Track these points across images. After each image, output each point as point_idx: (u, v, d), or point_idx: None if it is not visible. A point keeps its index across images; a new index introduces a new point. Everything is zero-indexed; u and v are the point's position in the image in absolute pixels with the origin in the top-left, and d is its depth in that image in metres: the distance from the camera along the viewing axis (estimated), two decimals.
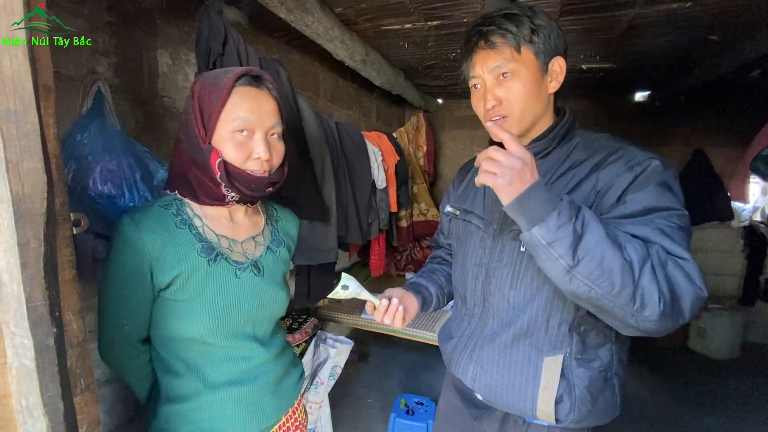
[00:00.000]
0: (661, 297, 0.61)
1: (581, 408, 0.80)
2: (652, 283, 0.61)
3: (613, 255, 0.61)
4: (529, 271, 0.81)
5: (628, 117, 3.52)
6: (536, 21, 0.76)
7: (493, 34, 0.76)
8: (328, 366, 1.59)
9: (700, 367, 2.96)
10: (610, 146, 0.78)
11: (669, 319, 0.63)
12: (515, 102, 0.78)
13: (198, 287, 0.76)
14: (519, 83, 0.77)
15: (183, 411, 0.79)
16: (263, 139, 0.76)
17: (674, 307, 0.63)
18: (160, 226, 0.75)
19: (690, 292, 0.64)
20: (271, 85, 0.79)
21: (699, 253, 3.50)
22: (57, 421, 0.46)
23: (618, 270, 0.60)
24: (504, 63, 0.76)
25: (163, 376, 0.81)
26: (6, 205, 0.41)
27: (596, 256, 0.61)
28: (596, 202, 0.74)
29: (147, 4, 1.35)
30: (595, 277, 0.61)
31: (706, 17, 1.65)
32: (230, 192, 0.77)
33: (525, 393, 0.82)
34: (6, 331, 0.46)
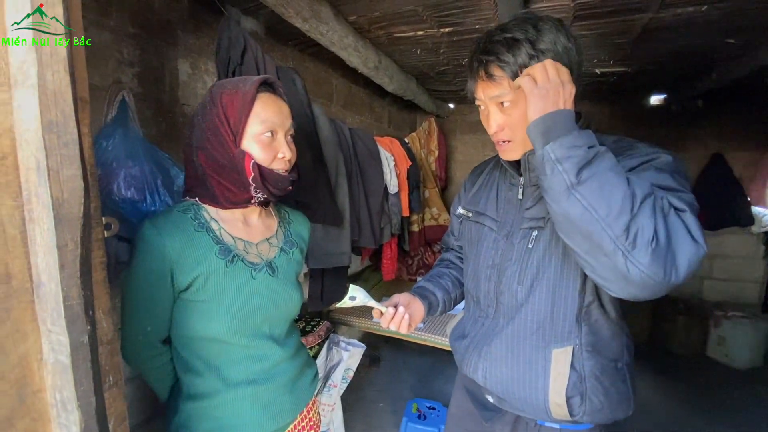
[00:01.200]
0: (656, 237, 0.59)
1: (593, 399, 0.80)
2: (649, 218, 0.60)
3: (617, 181, 0.61)
4: (538, 266, 0.82)
5: (643, 121, 3.48)
6: (538, 45, 0.73)
7: (491, 66, 0.76)
8: (341, 369, 1.60)
9: (720, 375, 2.88)
10: (621, 147, 0.78)
11: (660, 268, 0.59)
12: (516, 128, 0.79)
13: (216, 288, 0.79)
14: (518, 111, 0.77)
15: (203, 408, 0.82)
16: (285, 139, 0.82)
17: (668, 255, 0.60)
18: (180, 230, 0.78)
19: (688, 245, 0.61)
20: (282, 90, 0.85)
21: (718, 259, 3.43)
22: (89, 414, 0.48)
23: (619, 197, 0.60)
24: (502, 94, 0.77)
25: (184, 374, 0.84)
26: (47, 210, 0.44)
27: (600, 178, 0.61)
28: None
29: (169, 15, 1.40)
30: (594, 199, 0.61)
31: (722, 20, 1.63)
32: (258, 192, 0.81)
33: (536, 386, 0.83)
34: (43, 328, 0.49)
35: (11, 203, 0.46)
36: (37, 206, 0.45)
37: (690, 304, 3.35)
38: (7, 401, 0.47)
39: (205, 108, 0.80)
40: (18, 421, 0.48)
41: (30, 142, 0.44)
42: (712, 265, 3.46)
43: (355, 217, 1.71)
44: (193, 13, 1.49)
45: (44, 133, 0.43)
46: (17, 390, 0.48)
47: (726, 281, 3.43)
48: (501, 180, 0.96)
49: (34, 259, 0.47)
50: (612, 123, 3.56)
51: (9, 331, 0.47)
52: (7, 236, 0.46)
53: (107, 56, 1.20)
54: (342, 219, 1.53)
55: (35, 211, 0.45)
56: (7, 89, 0.45)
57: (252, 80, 0.79)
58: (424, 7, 1.58)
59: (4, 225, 0.45)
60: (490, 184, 0.99)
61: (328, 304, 1.72)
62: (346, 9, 1.60)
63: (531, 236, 0.83)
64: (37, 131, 0.43)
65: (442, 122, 3.89)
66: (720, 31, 1.74)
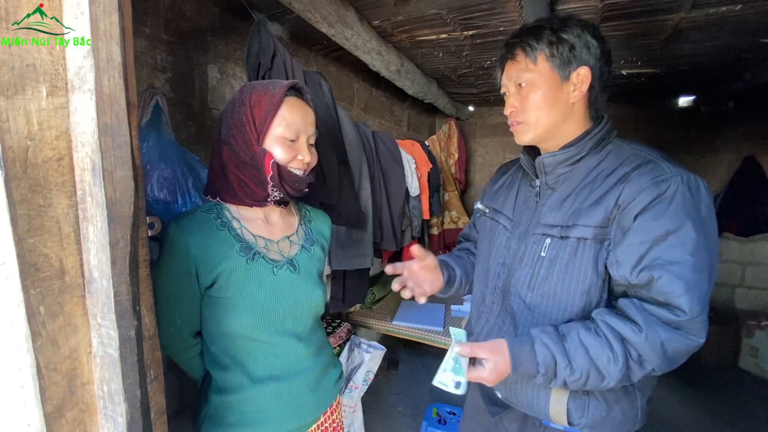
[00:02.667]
0: (650, 365, 0.70)
1: (595, 413, 0.80)
2: (636, 377, 0.72)
3: (596, 383, 0.72)
4: (548, 275, 0.82)
5: (671, 123, 3.38)
6: (560, 33, 0.79)
7: (514, 47, 0.83)
8: (362, 371, 1.61)
9: (753, 388, 2.76)
10: (641, 158, 0.77)
11: (667, 370, 0.71)
12: (529, 110, 0.82)
13: (238, 284, 0.81)
14: (532, 92, 0.81)
15: (230, 402, 0.85)
16: (306, 144, 0.84)
17: (670, 368, 0.71)
18: (203, 229, 0.81)
19: (677, 353, 0.70)
20: (309, 97, 0.87)
21: (750, 267, 3.29)
22: (135, 407, 0.50)
23: (602, 387, 0.73)
24: (520, 74, 0.82)
25: (212, 368, 0.87)
26: (101, 208, 0.46)
27: (583, 383, 0.73)
28: (617, 216, 0.74)
29: (200, 22, 1.45)
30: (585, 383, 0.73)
31: (757, 20, 1.57)
32: (275, 191, 0.84)
33: (539, 392, 0.84)
34: (93, 322, 0.51)
35: (66, 202, 0.48)
36: (91, 205, 0.47)
37: (721, 313, 3.22)
38: (58, 392, 0.49)
39: (234, 105, 0.83)
40: (67, 412, 0.50)
41: (86, 144, 0.46)
42: (744, 273, 3.33)
43: (377, 219, 1.72)
44: (223, 20, 1.54)
45: (100, 135, 0.45)
46: (68, 381, 0.50)
47: (759, 289, 3.29)
48: (522, 181, 0.98)
49: (86, 255, 0.49)
50: (638, 125, 3.47)
51: (62, 325, 0.49)
52: (62, 233, 0.48)
53: (142, 62, 1.25)
54: (365, 221, 1.54)
55: (89, 209, 0.47)
56: (64, 93, 0.48)
57: (282, 84, 0.82)
58: (449, 10, 1.58)
59: (59, 223, 0.48)
60: (511, 184, 1.01)
61: (349, 305, 1.73)
62: (371, 14, 1.62)
63: (544, 244, 0.83)
64: (93, 134, 0.45)
65: (462, 125, 3.88)
66: (754, 30, 1.68)
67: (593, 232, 0.76)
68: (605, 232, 0.75)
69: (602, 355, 0.70)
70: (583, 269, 0.77)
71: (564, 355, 0.72)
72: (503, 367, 0.74)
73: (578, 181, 0.82)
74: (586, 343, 0.71)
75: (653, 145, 0.83)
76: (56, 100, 0.47)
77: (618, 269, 0.72)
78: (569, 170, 0.84)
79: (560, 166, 0.84)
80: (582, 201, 0.79)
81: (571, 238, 0.79)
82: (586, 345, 0.71)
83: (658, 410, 2.47)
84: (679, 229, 0.68)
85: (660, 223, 0.69)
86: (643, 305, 0.70)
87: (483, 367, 0.74)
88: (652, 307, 0.69)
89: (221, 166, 0.85)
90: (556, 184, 0.86)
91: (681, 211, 0.69)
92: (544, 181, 0.88)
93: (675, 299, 0.66)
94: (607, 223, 0.75)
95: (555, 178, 0.86)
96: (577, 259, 0.78)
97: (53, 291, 0.47)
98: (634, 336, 0.68)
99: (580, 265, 0.77)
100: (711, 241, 0.70)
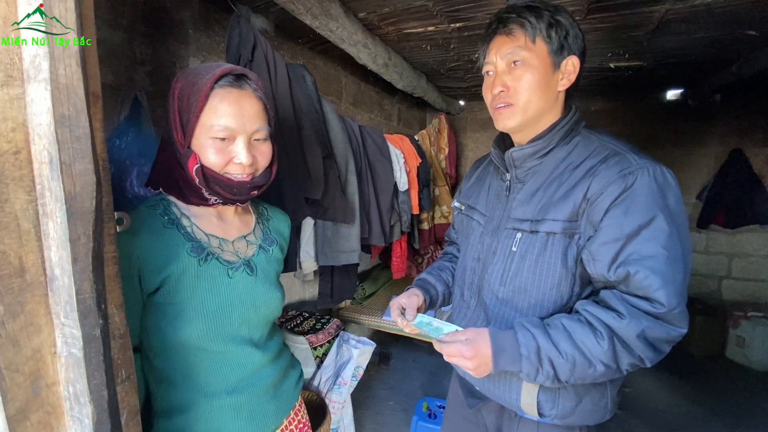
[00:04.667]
0: (640, 360, 0.70)
1: (565, 404, 0.80)
2: (624, 364, 0.71)
3: (584, 369, 0.71)
4: (519, 270, 0.82)
5: (659, 116, 3.40)
6: (557, 17, 0.77)
7: (511, 22, 0.78)
8: (351, 366, 1.60)
9: (740, 378, 2.81)
10: (608, 150, 0.77)
11: (655, 361, 0.71)
12: (522, 91, 0.78)
13: (189, 289, 0.72)
14: (528, 73, 0.77)
15: (180, 424, 0.75)
16: (245, 144, 0.72)
17: (656, 357, 0.70)
18: (147, 227, 0.72)
19: (658, 341, 0.69)
20: (255, 85, 0.74)
21: (737, 259, 3.34)
22: (101, 408, 0.49)
23: (591, 375, 0.71)
24: (517, 50, 0.77)
25: (157, 387, 0.76)
26: (60, 203, 0.44)
27: (571, 369, 0.71)
28: (587, 210, 0.74)
29: (180, 15, 1.41)
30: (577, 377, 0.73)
31: (742, 12, 1.58)
32: (212, 196, 0.74)
33: (510, 384, 0.84)
34: (56, 321, 0.49)
35: (25, 197, 0.46)
36: (50, 200, 0.45)
37: (708, 304, 3.27)
38: (21, 394, 0.47)
39: (168, 96, 0.73)
40: (32, 414, 0.49)
41: (43, 137, 0.44)
42: (730, 265, 3.37)
43: (365, 214, 1.71)
44: (204, 12, 1.50)
45: (57, 127, 0.43)
46: (31, 383, 0.48)
47: (745, 281, 3.34)
48: (493, 175, 0.97)
49: (47, 252, 0.47)
50: (627, 119, 3.49)
51: (23, 324, 0.47)
52: (21, 230, 0.46)
53: (120, 55, 1.22)
54: (353, 216, 1.53)
55: (48, 205, 0.46)
56: (20, 84, 0.45)
57: (212, 72, 0.69)
58: (435, 2, 1.56)
59: (18, 219, 0.46)
60: (483, 178, 1.01)
61: (337, 301, 1.72)
62: (356, 5, 1.60)
63: (515, 238, 0.83)
64: (49, 125, 0.43)
65: (452, 119, 3.87)
66: (740, 22, 1.69)
67: (562, 226, 0.76)
68: (574, 226, 0.76)
69: (587, 339, 0.69)
70: (552, 263, 0.77)
71: (547, 339, 0.71)
72: (483, 347, 0.73)
73: (547, 174, 0.82)
74: (569, 329, 0.71)
75: (642, 138, 0.83)
76: (11, 90, 0.45)
77: (595, 267, 0.73)
78: (538, 163, 0.84)
79: (529, 160, 0.84)
80: (551, 195, 0.79)
81: (540, 233, 0.79)
82: (570, 330, 0.71)
83: (645, 400, 2.50)
84: (651, 223, 0.68)
85: (631, 219, 0.69)
86: (624, 296, 0.70)
87: (462, 343, 0.74)
88: (632, 299, 0.69)
89: (166, 160, 0.75)
90: (525, 177, 0.86)
91: (650, 204, 0.69)
92: (515, 175, 0.87)
93: (652, 293, 0.66)
94: (576, 217, 0.75)
95: (525, 172, 0.86)
96: (547, 254, 0.78)
97: (12, 289, 0.45)
98: (617, 322, 0.68)
99: (550, 260, 0.78)
100: (682, 231, 0.70)
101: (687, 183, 3.42)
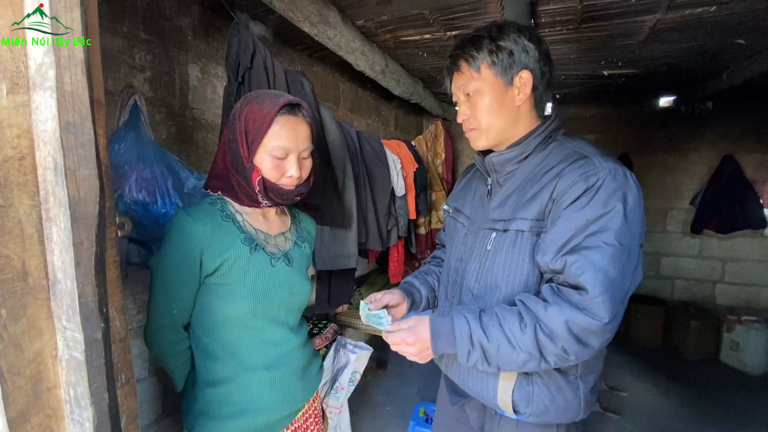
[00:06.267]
0: (564, 353, 0.72)
1: (539, 402, 0.83)
2: (550, 354, 0.73)
3: (509, 355, 0.74)
4: (493, 267, 0.86)
5: (651, 122, 3.45)
6: (498, 41, 0.83)
7: (458, 59, 0.87)
8: (348, 371, 1.60)
9: (733, 381, 2.83)
10: (577, 154, 0.81)
11: (583, 355, 0.73)
12: (480, 116, 0.87)
13: (240, 273, 0.86)
14: (480, 100, 0.85)
15: (223, 393, 0.87)
16: (296, 161, 0.87)
17: (582, 351, 0.72)
18: (210, 218, 0.86)
19: (582, 332, 0.70)
20: (306, 112, 0.89)
21: (730, 263, 3.37)
22: (102, 411, 0.49)
23: (516, 361, 0.75)
24: (466, 83, 0.86)
25: (204, 360, 0.89)
26: (64, 208, 0.45)
27: (496, 353, 0.75)
28: (552, 209, 0.78)
29: (180, 21, 1.43)
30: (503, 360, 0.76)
31: (732, 21, 1.61)
32: (265, 200, 0.89)
33: (486, 382, 0.87)
34: (58, 325, 0.49)
35: (29, 202, 0.47)
36: (54, 205, 0.46)
37: (702, 309, 3.30)
38: (22, 397, 0.48)
39: (234, 116, 0.87)
40: (33, 417, 0.49)
41: (47, 143, 0.45)
42: (724, 269, 3.41)
43: (362, 219, 1.71)
44: (204, 19, 1.52)
45: (62, 133, 0.44)
46: (32, 386, 0.48)
47: (739, 285, 3.37)
48: (478, 180, 1.02)
49: (50, 257, 0.48)
50: (620, 126, 3.53)
51: (25, 328, 0.47)
52: (25, 234, 0.47)
53: (120, 61, 1.23)
54: (350, 221, 1.54)
55: (52, 209, 0.46)
56: (25, 91, 0.46)
57: (276, 101, 0.84)
58: (431, 11, 1.59)
59: (22, 223, 0.47)
60: (470, 183, 1.07)
61: (335, 306, 1.72)
62: (354, 13, 1.62)
63: (490, 237, 0.87)
64: (54, 132, 0.44)
65: (448, 125, 3.89)
66: (729, 31, 1.73)
67: (530, 224, 0.81)
68: (541, 225, 0.80)
69: (513, 325, 0.73)
70: (521, 260, 0.82)
71: (478, 324, 0.76)
72: (422, 332, 0.79)
73: (522, 177, 0.87)
74: (500, 315, 0.76)
75: (635, 145, 0.86)
76: (17, 97, 0.46)
77: (543, 256, 0.77)
78: (516, 168, 0.89)
79: (508, 164, 0.89)
80: (522, 196, 0.84)
81: (510, 231, 0.84)
82: (500, 316, 0.76)
83: (640, 404, 2.51)
84: (601, 218, 0.72)
85: (583, 213, 0.73)
86: (558, 288, 0.74)
87: (405, 330, 0.80)
88: (564, 289, 0.73)
89: (224, 167, 0.89)
90: (504, 181, 0.91)
91: (606, 202, 0.73)
92: (495, 179, 0.93)
93: (580, 279, 0.69)
94: (543, 216, 0.80)
95: (504, 176, 0.91)
96: (516, 251, 0.82)
97: (15, 293, 0.46)
98: (542, 311, 0.72)
99: (518, 257, 0.82)
100: (633, 230, 0.73)
101: (680, 188, 3.46)
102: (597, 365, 0.88)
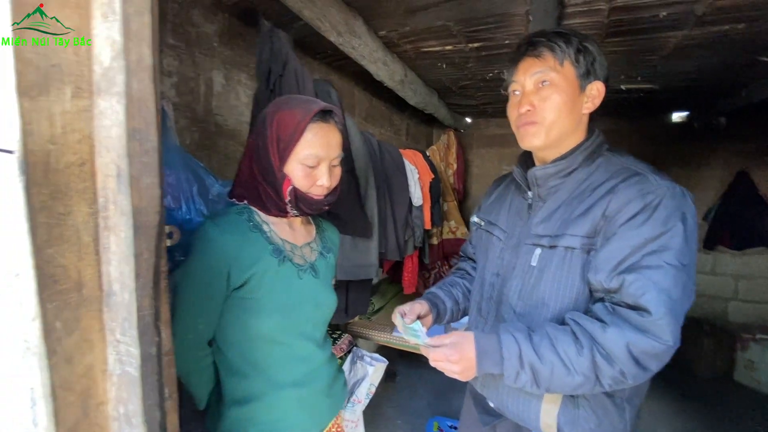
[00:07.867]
0: (621, 374, 0.68)
1: (584, 426, 0.79)
2: (605, 377, 0.69)
3: (563, 378, 0.70)
4: (537, 284, 0.82)
5: (664, 137, 3.44)
6: (585, 43, 0.80)
7: (541, 45, 0.81)
8: (366, 384, 1.57)
9: (748, 401, 2.77)
10: (629, 171, 0.78)
11: (640, 379, 0.69)
12: (548, 110, 0.81)
13: (269, 286, 0.82)
14: (555, 94, 0.80)
15: (250, 412, 0.83)
16: (327, 169, 0.84)
17: (640, 374, 0.68)
18: (238, 229, 0.82)
19: (644, 356, 0.67)
20: (338, 119, 0.86)
21: (743, 280, 3.33)
22: (154, 429, 0.47)
23: (570, 384, 0.71)
24: (546, 71, 0.80)
25: (229, 378, 0.85)
26: (126, 217, 0.43)
27: (549, 375, 0.71)
28: (604, 227, 0.75)
29: (207, 28, 1.43)
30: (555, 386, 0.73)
31: (758, 38, 1.61)
32: (294, 210, 0.85)
33: (529, 404, 0.83)
34: (110, 338, 0.47)
35: (86, 210, 0.45)
36: (114, 213, 0.44)
37: (715, 326, 3.25)
38: (72, 414, 0.45)
39: (264, 122, 0.83)
40: None
41: (111, 149, 0.44)
42: (737, 286, 3.37)
43: (382, 229, 1.70)
44: (230, 26, 1.52)
45: (128, 140, 0.42)
46: (82, 402, 0.46)
47: (752, 303, 3.33)
48: (515, 193, 0.99)
49: (106, 267, 0.46)
50: (633, 140, 3.52)
51: (77, 341, 0.45)
52: (81, 243, 0.45)
53: None
54: (372, 231, 1.52)
55: (111, 218, 0.45)
56: (88, 96, 0.45)
57: (309, 108, 0.81)
58: (456, 22, 1.59)
59: (79, 232, 0.45)
60: (504, 196, 1.03)
61: (352, 316, 1.70)
62: (378, 24, 1.62)
63: (535, 253, 0.84)
64: (120, 138, 0.43)
65: (459, 136, 3.90)
66: (755, 48, 1.72)
67: (581, 241, 0.77)
68: (592, 242, 0.76)
69: (568, 347, 0.70)
70: (571, 278, 0.78)
71: (529, 344, 0.72)
72: (467, 350, 0.75)
73: (568, 193, 0.83)
74: (552, 335, 0.72)
75: (647, 159, 0.85)
76: (80, 102, 0.44)
77: (596, 274, 0.73)
78: (560, 182, 0.85)
79: (552, 179, 0.86)
80: (571, 212, 0.80)
81: (559, 248, 0.79)
82: (552, 336, 0.72)
83: (653, 422, 2.46)
84: (660, 237, 0.69)
85: (640, 231, 0.70)
86: (614, 307, 0.71)
87: (447, 347, 0.76)
88: (621, 309, 0.70)
89: (251, 175, 0.86)
90: (547, 196, 0.87)
91: (663, 220, 0.70)
92: (537, 193, 0.89)
93: (641, 300, 0.66)
94: (594, 233, 0.76)
95: (546, 190, 0.87)
96: (565, 268, 0.79)
97: (70, 305, 0.44)
98: (600, 332, 0.69)
99: (568, 274, 0.78)
100: (690, 249, 0.70)
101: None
102: (643, 387, 0.84)
